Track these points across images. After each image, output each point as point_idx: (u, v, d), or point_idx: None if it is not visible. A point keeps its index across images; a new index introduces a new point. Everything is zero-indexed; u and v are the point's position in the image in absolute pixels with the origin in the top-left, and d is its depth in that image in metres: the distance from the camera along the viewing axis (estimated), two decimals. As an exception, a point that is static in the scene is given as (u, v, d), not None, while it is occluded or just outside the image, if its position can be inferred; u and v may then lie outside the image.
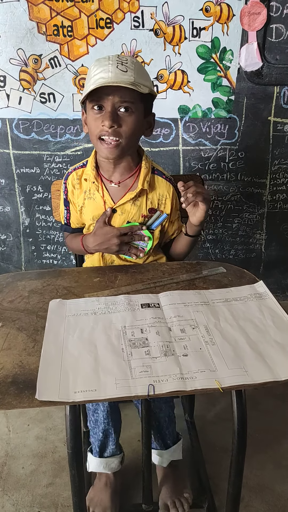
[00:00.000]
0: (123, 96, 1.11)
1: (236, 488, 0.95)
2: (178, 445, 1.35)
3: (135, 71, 1.11)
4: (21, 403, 0.71)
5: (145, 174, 1.26)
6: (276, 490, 1.38)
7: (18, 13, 1.76)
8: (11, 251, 2.24)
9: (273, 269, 2.32)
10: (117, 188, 1.27)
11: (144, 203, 1.28)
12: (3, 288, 1.09)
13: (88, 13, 1.77)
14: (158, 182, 1.30)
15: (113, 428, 1.28)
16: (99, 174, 1.28)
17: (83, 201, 1.30)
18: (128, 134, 1.15)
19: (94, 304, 0.99)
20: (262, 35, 1.82)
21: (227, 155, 2.06)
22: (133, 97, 1.12)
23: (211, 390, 0.74)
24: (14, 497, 1.36)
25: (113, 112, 1.12)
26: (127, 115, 1.14)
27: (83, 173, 1.31)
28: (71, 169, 1.33)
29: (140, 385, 0.74)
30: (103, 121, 1.12)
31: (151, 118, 1.25)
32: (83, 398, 0.72)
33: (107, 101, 1.12)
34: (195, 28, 1.81)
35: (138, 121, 1.17)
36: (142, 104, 1.17)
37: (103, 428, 1.27)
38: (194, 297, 1.02)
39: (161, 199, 1.29)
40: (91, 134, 1.19)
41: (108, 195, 1.27)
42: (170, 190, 1.30)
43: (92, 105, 1.14)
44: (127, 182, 1.28)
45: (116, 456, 1.32)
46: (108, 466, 1.30)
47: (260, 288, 1.07)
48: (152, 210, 1.29)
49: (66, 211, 1.36)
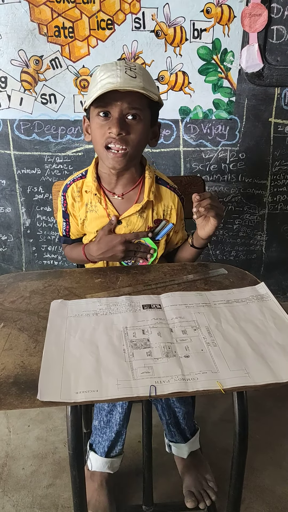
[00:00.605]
0: (131, 103, 1.08)
1: (237, 490, 0.95)
2: (196, 436, 1.39)
3: (143, 78, 1.08)
4: (22, 403, 0.71)
5: (150, 185, 1.23)
6: (277, 492, 1.38)
7: (19, 14, 1.76)
8: (12, 252, 2.24)
9: (274, 270, 2.32)
10: (120, 201, 1.24)
11: (150, 215, 1.26)
12: (4, 288, 1.09)
13: (89, 14, 1.77)
14: (163, 192, 1.27)
15: (125, 430, 1.29)
16: (100, 186, 1.25)
17: (85, 214, 1.27)
18: (136, 143, 1.12)
19: (95, 305, 0.99)
20: (263, 36, 1.83)
21: (228, 156, 2.06)
22: (141, 104, 1.09)
23: (212, 392, 0.74)
24: (14, 498, 1.36)
25: (120, 119, 1.08)
26: (135, 122, 1.10)
27: (83, 184, 1.27)
28: (70, 181, 1.28)
29: (142, 386, 0.74)
30: (110, 128, 1.08)
31: (156, 128, 1.22)
32: (85, 399, 0.72)
33: (114, 107, 1.08)
34: (196, 29, 1.81)
35: (145, 129, 1.14)
36: (149, 112, 1.14)
37: (117, 430, 1.26)
38: (195, 299, 1.02)
39: (166, 210, 1.27)
40: (95, 142, 1.15)
41: (112, 207, 1.24)
42: (175, 200, 1.28)
43: (98, 111, 1.10)
44: (131, 194, 1.25)
45: (120, 456, 1.33)
46: (112, 466, 1.31)
47: (261, 290, 1.07)
48: (158, 221, 1.28)
49: (65, 223, 1.33)
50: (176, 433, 1.34)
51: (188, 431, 1.36)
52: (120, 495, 1.34)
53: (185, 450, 1.36)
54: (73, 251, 1.36)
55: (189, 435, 1.36)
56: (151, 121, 1.17)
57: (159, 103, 1.15)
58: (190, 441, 1.36)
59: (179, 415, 1.32)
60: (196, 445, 1.39)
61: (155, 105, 1.15)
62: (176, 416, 1.32)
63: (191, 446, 1.36)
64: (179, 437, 1.35)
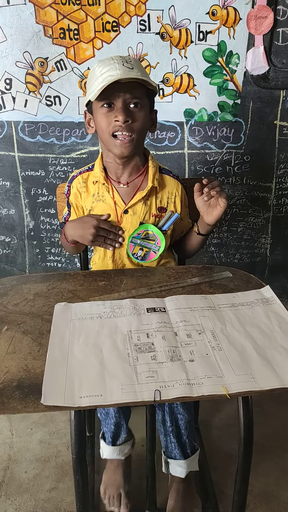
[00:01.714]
0: (133, 92, 1.14)
1: (241, 495, 0.94)
2: (196, 456, 1.31)
3: (140, 69, 1.15)
4: (26, 407, 0.70)
5: (154, 172, 1.28)
6: (282, 498, 1.36)
7: (24, 16, 1.76)
8: (16, 254, 2.24)
9: (278, 274, 2.31)
10: (126, 189, 1.29)
11: (154, 202, 1.29)
12: (8, 291, 1.08)
13: (94, 16, 1.77)
14: (166, 180, 1.32)
15: (124, 419, 1.30)
16: (107, 176, 1.29)
17: (91, 204, 1.30)
18: (140, 129, 1.18)
19: (99, 308, 0.99)
20: (269, 39, 1.82)
21: (233, 159, 2.05)
22: (141, 93, 1.16)
23: (218, 397, 0.73)
24: (16, 501, 1.35)
25: (125, 107, 1.15)
26: (138, 110, 1.17)
27: (89, 176, 1.31)
28: (77, 173, 1.33)
29: (146, 391, 0.73)
30: (117, 116, 1.14)
31: (154, 115, 1.28)
32: (89, 403, 0.71)
33: (118, 98, 1.14)
34: (201, 31, 1.81)
35: (146, 116, 1.20)
36: (148, 100, 1.20)
37: (115, 422, 1.29)
38: (200, 302, 1.01)
39: (170, 197, 1.31)
40: (102, 132, 1.20)
41: (118, 196, 1.28)
42: (179, 187, 1.32)
43: (101, 104, 1.16)
44: (136, 182, 1.29)
45: (128, 442, 1.35)
46: (121, 452, 1.34)
47: (266, 293, 1.06)
48: (161, 209, 1.30)
49: (68, 212, 1.37)
50: (175, 446, 1.28)
51: (188, 445, 1.29)
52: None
53: (184, 468, 1.28)
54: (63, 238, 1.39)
55: (189, 451, 1.29)
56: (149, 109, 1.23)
57: (154, 91, 1.21)
58: (190, 458, 1.29)
59: (182, 423, 1.26)
60: (195, 466, 1.31)
61: (151, 93, 1.21)
62: (178, 424, 1.27)
63: (190, 465, 1.29)
64: (178, 451, 1.27)
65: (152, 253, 1.29)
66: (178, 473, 1.29)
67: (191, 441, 1.30)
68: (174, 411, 1.27)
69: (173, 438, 1.28)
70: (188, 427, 1.28)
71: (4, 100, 1.90)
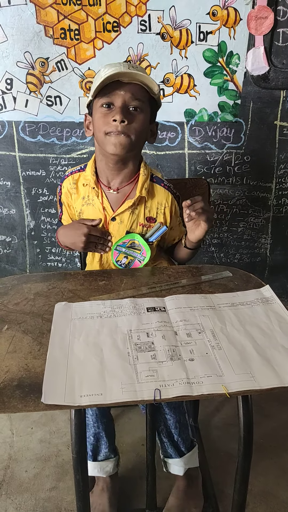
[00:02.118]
0: (134, 94, 1.13)
1: (241, 495, 0.94)
2: (193, 452, 1.30)
3: (145, 75, 1.13)
4: (26, 406, 0.70)
5: (143, 181, 1.25)
6: (281, 497, 1.37)
7: (25, 16, 1.77)
8: (16, 254, 2.24)
9: (278, 274, 2.31)
10: (116, 195, 1.27)
11: (142, 212, 1.28)
12: (8, 290, 1.08)
13: (95, 16, 1.77)
14: (157, 190, 1.29)
15: (104, 432, 1.26)
16: (98, 180, 1.28)
17: (81, 207, 1.30)
18: (138, 132, 1.16)
19: (99, 307, 0.99)
20: (269, 39, 1.82)
21: (233, 159, 2.05)
22: (143, 96, 1.14)
23: (217, 396, 0.74)
24: (17, 500, 1.35)
25: (124, 108, 1.13)
26: (137, 113, 1.15)
27: (79, 177, 1.30)
28: (68, 173, 1.33)
29: (146, 390, 0.74)
30: (114, 116, 1.13)
31: (154, 127, 1.26)
32: (89, 402, 0.71)
33: (118, 97, 1.13)
34: (202, 32, 1.81)
35: (146, 122, 1.18)
36: (149, 108, 1.18)
37: (94, 432, 1.25)
38: (200, 301, 1.01)
39: (159, 208, 1.29)
40: (97, 131, 1.19)
41: (107, 202, 1.27)
42: (169, 198, 1.29)
43: (101, 103, 1.15)
44: (126, 189, 1.27)
45: (111, 459, 1.29)
46: (102, 469, 1.28)
47: (266, 293, 1.06)
48: (150, 219, 1.29)
49: (61, 210, 1.38)
50: (168, 445, 1.27)
51: (182, 444, 1.27)
52: (123, 499, 1.33)
53: (180, 466, 1.28)
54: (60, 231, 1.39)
55: (184, 449, 1.28)
56: (150, 119, 1.21)
57: (157, 103, 1.20)
58: (186, 456, 1.28)
59: (170, 423, 1.25)
60: (193, 463, 1.31)
61: (154, 104, 1.20)
62: (167, 424, 1.25)
63: (186, 462, 1.28)
64: (172, 450, 1.27)
65: (137, 261, 1.28)
66: (176, 471, 1.29)
67: (185, 439, 1.28)
68: (160, 412, 1.24)
69: (164, 438, 1.27)
70: (178, 426, 1.26)
71: (5, 100, 1.91)
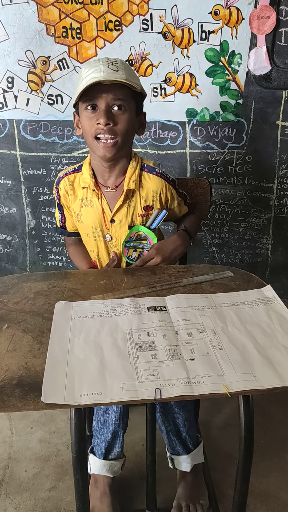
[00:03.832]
0: (116, 94, 1.14)
1: (242, 496, 0.94)
2: (200, 448, 1.34)
3: (125, 71, 1.14)
4: (26, 405, 0.70)
5: (131, 173, 1.27)
6: (282, 498, 1.36)
7: (27, 15, 1.76)
8: (17, 253, 2.24)
9: (279, 274, 2.31)
10: (114, 193, 1.29)
11: (138, 203, 1.29)
12: (8, 289, 1.08)
13: (97, 15, 1.77)
14: (150, 179, 1.30)
15: (122, 431, 1.27)
16: (96, 181, 1.29)
17: (80, 208, 1.31)
18: (124, 132, 1.18)
19: (100, 307, 0.98)
20: (271, 39, 1.82)
21: (235, 159, 2.04)
22: (125, 95, 1.15)
23: (218, 395, 0.73)
24: (16, 500, 1.35)
25: (107, 110, 1.15)
26: (121, 113, 1.17)
27: (75, 178, 1.32)
28: (63, 174, 1.34)
29: (147, 389, 0.73)
30: (98, 119, 1.15)
31: (142, 117, 1.28)
32: (89, 402, 0.71)
33: (100, 99, 1.14)
34: (204, 31, 1.80)
35: (131, 119, 1.20)
36: (134, 102, 1.20)
37: (113, 430, 1.25)
38: (201, 301, 1.01)
39: (155, 196, 1.31)
40: (86, 135, 1.21)
41: (106, 203, 1.28)
42: (164, 185, 1.31)
43: (85, 106, 1.17)
44: (123, 184, 1.28)
45: (120, 459, 1.31)
46: (111, 469, 1.28)
47: (268, 293, 1.05)
48: (147, 207, 1.30)
49: (61, 214, 1.38)
50: (177, 443, 1.30)
51: (190, 441, 1.31)
52: (123, 499, 1.32)
53: (188, 462, 1.30)
54: (74, 257, 1.45)
55: (191, 445, 1.31)
56: (136, 111, 1.23)
57: (142, 94, 1.22)
58: (193, 452, 1.31)
59: (179, 421, 1.28)
60: (200, 458, 1.34)
61: (139, 96, 1.22)
62: (176, 423, 1.28)
63: (194, 458, 1.31)
64: (180, 447, 1.30)
65: (145, 252, 1.30)
66: (183, 467, 1.32)
67: (192, 436, 1.31)
68: (170, 411, 1.27)
69: (173, 437, 1.29)
70: (186, 424, 1.28)
71: (6, 99, 1.90)
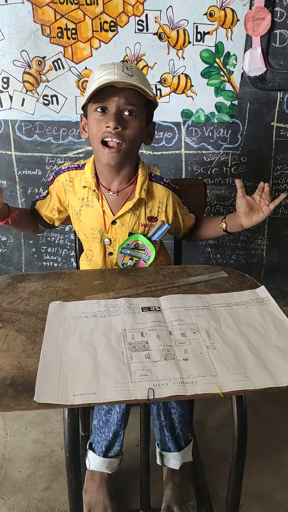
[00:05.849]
0: (128, 99, 1.10)
1: (235, 495, 0.94)
2: (190, 447, 1.34)
3: (140, 77, 1.11)
4: (19, 405, 0.70)
5: (142, 182, 1.24)
6: (275, 498, 1.36)
7: (22, 15, 1.76)
8: (12, 253, 2.23)
9: (274, 275, 2.32)
10: (115, 197, 1.25)
11: (143, 212, 1.27)
12: (3, 289, 1.08)
13: (92, 16, 1.77)
14: (157, 189, 1.28)
15: (123, 430, 1.27)
16: (98, 182, 1.26)
17: (80, 208, 1.28)
18: (131, 138, 1.14)
19: (94, 307, 0.99)
20: (266, 40, 1.83)
21: (230, 160, 2.05)
22: (138, 100, 1.12)
23: (211, 395, 0.73)
24: (10, 501, 1.35)
25: (117, 114, 1.11)
26: (131, 118, 1.13)
27: (76, 175, 1.28)
28: (65, 167, 1.30)
29: (140, 389, 0.73)
30: (107, 122, 1.11)
31: (151, 128, 1.25)
32: (82, 401, 0.71)
33: (112, 102, 1.10)
34: (199, 32, 1.81)
35: (141, 126, 1.16)
36: (145, 110, 1.17)
37: (115, 430, 1.26)
38: (195, 301, 1.01)
39: (161, 207, 1.28)
40: (92, 137, 1.17)
41: (107, 205, 1.25)
42: (170, 196, 1.29)
43: (95, 107, 1.13)
44: (126, 190, 1.26)
45: (119, 457, 1.31)
46: (110, 466, 1.29)
47: (261, 293, 1.06)
48: (151, 218, 1.28)
49: (44, 196, 1.34)
50: (169, 439, 1.29)
51: (182, 438, 1.31)
52: (117, 499, 1.32)
53: (178, 460, 1.30)
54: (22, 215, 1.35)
55: (183, 443, 1.31)
56: (146, 120, 1.20)
57: (154, 103, 1.19)
58: (184, 450, 1.31)
59: (175, 417, 1.28)
60: (189, 457, 1.33)
61: (151, 105, 1.18)
62: (172, 418, 1.28)
63: (184, 456, 1.31)
64: (172, 444, 1.29)
65: (142, 262, 1.28)
66: (172, 465, 1.31)
67: (185, 434, 1.31)
68: (167, 406, 1.27)
69: (167, 432, 1.29)
70: (181, 421, 1.29)
71: (1, 99, 1.90)
